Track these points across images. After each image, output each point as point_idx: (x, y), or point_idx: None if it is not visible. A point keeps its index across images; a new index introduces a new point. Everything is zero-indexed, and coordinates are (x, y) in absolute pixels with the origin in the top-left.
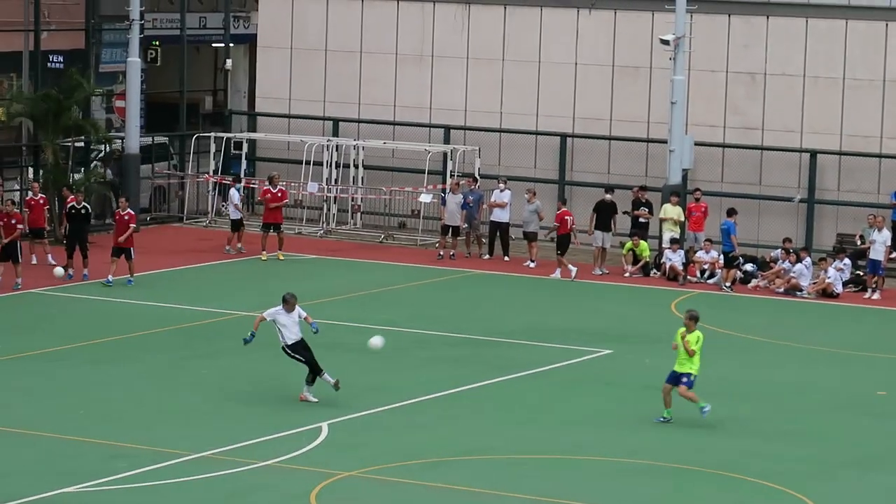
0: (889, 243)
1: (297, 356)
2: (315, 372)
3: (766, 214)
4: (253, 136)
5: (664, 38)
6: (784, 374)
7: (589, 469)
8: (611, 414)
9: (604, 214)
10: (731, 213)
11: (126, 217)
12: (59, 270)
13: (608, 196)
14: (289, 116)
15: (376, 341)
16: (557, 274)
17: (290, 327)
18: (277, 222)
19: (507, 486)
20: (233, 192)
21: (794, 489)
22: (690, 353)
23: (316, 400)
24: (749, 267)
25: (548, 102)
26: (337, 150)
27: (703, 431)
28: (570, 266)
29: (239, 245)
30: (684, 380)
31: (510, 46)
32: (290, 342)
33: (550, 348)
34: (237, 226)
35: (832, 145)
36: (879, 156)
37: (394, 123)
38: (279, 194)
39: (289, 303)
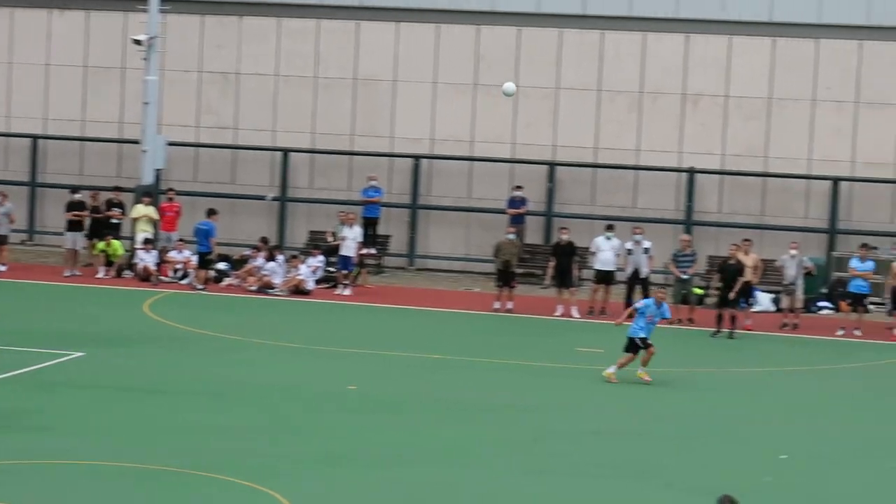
0: (360, 239)
1: None
2: None
3: (240, 213)
4: None
5: (136, 38)
6: (259, 372)
7: (69, 473)
8: (87, 416)
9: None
10: (212, 213)
11: None
12: None
13: (77, 196)
14: None
15: (509, 87)
16: None
17: None
18: None
19: None
20: None
21: (267, 486)
22: None
23: None
24: (222, 265)
25: (19, 104)
26: None
27: (182, 432)
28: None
29: None
30: None
31: None
32: None
33: (21, 352)
34: None
35: (304, 144)
36: (350, 153)
37: None
38: None
39: None
